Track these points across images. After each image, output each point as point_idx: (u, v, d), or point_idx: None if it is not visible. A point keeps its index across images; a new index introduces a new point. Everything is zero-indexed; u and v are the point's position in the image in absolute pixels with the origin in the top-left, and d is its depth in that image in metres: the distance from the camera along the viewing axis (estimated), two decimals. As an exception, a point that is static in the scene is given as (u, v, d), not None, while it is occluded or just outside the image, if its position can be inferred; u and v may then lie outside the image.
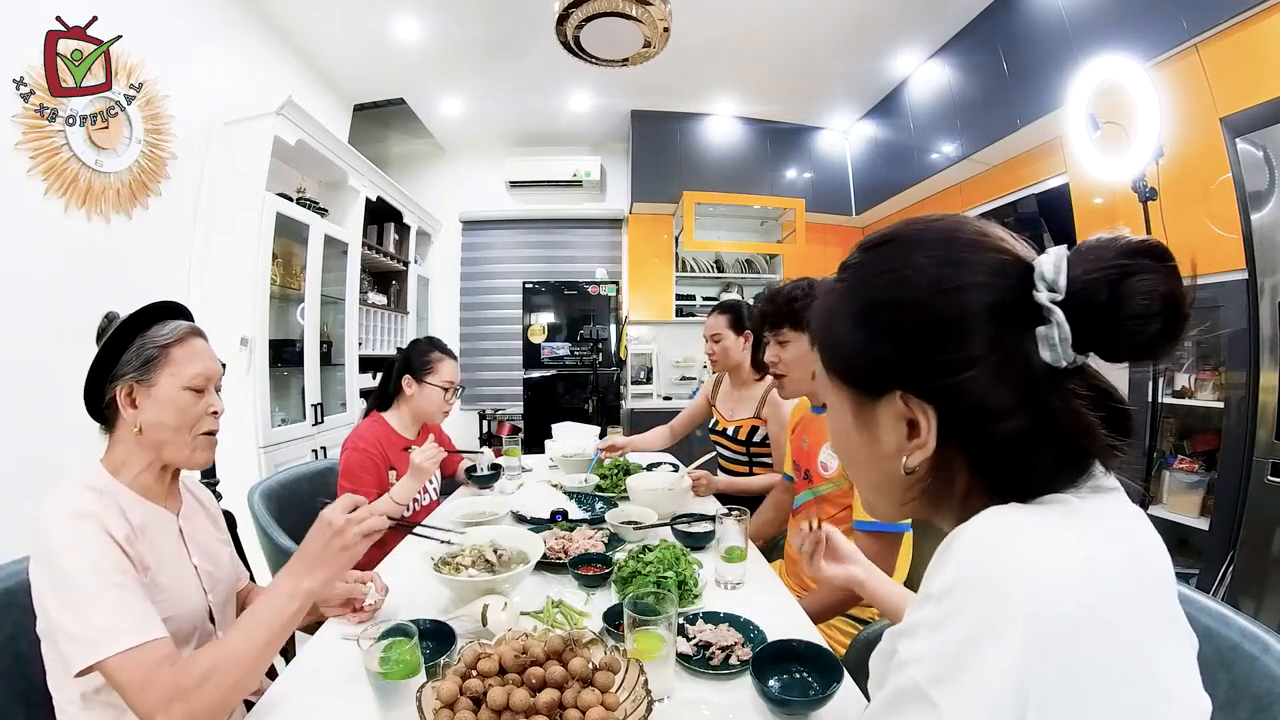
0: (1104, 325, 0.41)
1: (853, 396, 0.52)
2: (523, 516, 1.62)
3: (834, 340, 0.53)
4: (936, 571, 0.42)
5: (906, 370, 0.47)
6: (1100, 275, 0.41)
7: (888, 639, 0.46)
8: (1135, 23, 2.34)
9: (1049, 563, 0.39)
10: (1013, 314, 0.43)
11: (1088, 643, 0.38)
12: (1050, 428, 0.44)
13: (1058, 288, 0.42)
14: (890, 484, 0.52)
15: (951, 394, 0.45)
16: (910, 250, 0.49)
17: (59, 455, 1.57)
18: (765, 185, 4.72)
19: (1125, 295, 0.40)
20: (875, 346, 0.49)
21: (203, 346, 0.96)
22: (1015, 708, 0.36)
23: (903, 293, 0.47)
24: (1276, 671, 0.66)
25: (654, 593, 0.89)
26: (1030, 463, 0.44)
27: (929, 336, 0.45)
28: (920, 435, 0.47)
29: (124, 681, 0.72)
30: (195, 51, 2.59)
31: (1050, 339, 0.42)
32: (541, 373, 4.64)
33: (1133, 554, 0.44)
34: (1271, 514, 1.92)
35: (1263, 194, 2.00)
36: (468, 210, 5.16)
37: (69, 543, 0.77)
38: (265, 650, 0.79)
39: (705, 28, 3.30)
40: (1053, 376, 0.43)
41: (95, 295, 2.00)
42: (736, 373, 2.09)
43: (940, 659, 0.39)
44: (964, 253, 0.46)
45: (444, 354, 1.86)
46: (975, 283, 0.44)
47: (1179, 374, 2.32)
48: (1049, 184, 3.06)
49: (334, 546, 0.85)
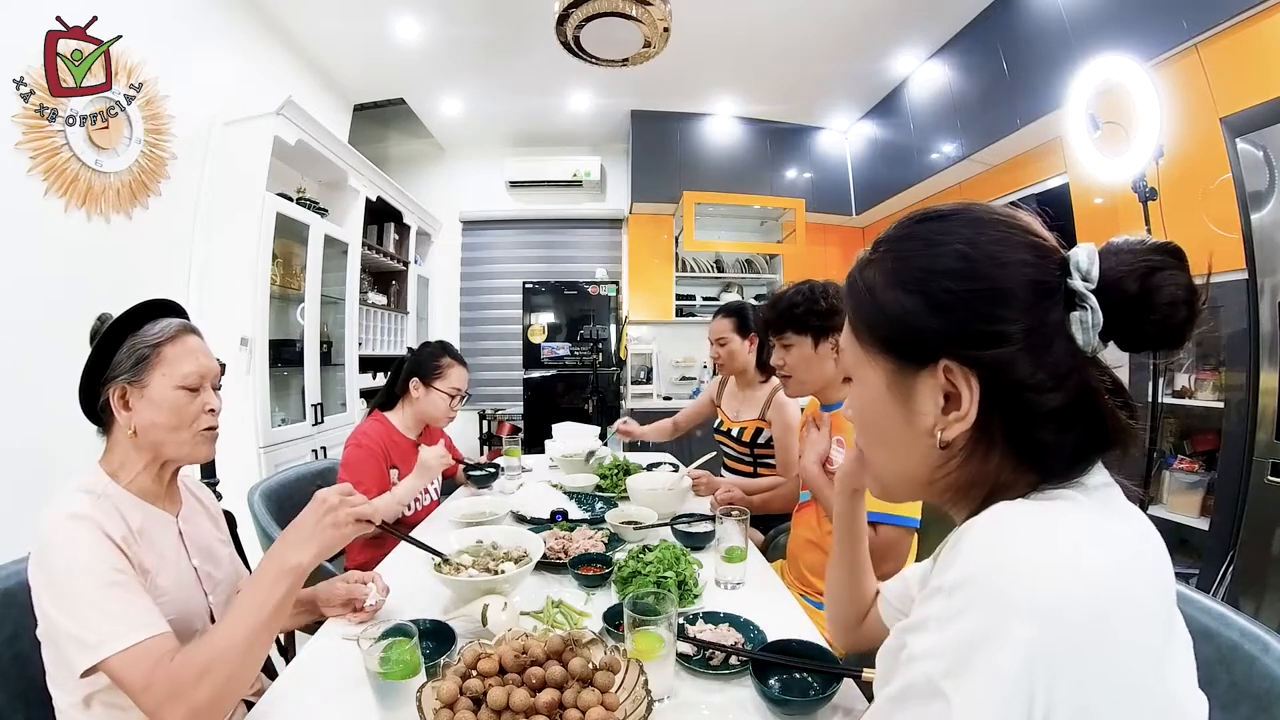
0: (1135, 313, 0.45)
1: (892, 367, 0.52)
2: (523, 516, 1.62)
3: (877, 309, 0.53)
4: (947, 565, 0.43)
5: (956, 338, 0.48)
6: (1133, 269, 0.45)
7: (896, 634, 0.46)
8: (1135, 23, 2.34)
9: (1059, 560, 0.40)
10: (1053, 295, 0.46)
11: (1098, 645, 0.38)
12: (1084, 408, 0.46)
13: (1090, 277, 0.46)
14: (919, 461, 0.52)
15: (997, 364, 0.46)
16: (960, 225, 0.51)
17: (59, 455, 1.57)
18: (765, 185, 4.72)
19: (1157, 286, 0.45)
20: (926, 314, 0.49)
21: (196, 344, 0.94)
22: (1024, 703, 0.37)
23: (958, 263, 0.48)
24: (1276, 671, 0.66)
25: (654, 593, 0.89)
26: (1062, 442, 0.47)
27: (981, 305, 0.47)
28: (961, 407, 0.48)
29: (127, 681, 0.72)
30: (195, 51, 2.59)
31: (1085, 322, 0.45)
32: (541, 373, 4.64)
33: (1142, 556, 0.44)
34: (1271, 514, 1.91)
35: (1263, 194, 2.00)
36: (468, 210, 5.16)
37: (65, 545, 0.77)
38: (259, 638, 0.77)
39: (705, 28, 3.30)
40: (1083, 360, 0.46)
41: (95, 295, 2.00)
42: (742, 374, 2.09)
43: (952, 653, 0.39)
44: (1013, 232, 0.49)
45: (454, 360, 1.85)
46: (1024, 260, 0.47)
47: (1179, 374, 2.31)
48: (1049, 184, 3.05)
49: (325, 522, 0.84)
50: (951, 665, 0.39)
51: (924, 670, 0.40)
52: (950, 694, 0.38)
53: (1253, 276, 2.00)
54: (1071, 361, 0.46)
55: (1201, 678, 0.44)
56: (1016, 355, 0.46)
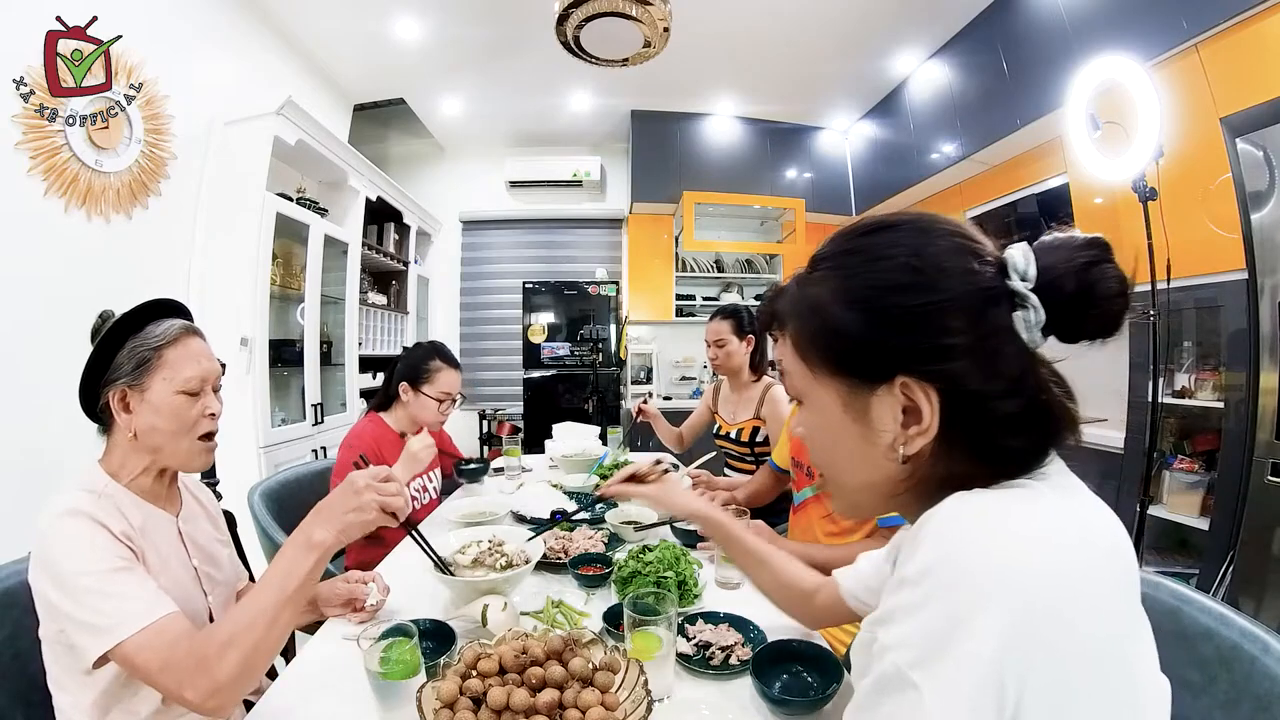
0: (1076, 307, 0.46)
1: (845, 387, 0.51)
2: (523, 516, 1.62)
3: (826, 330, 0.51)
4: (909, 556, 0.43)
5: (911, 353, 0.47)
6: (1069, 265, 0.46)
7: (866, 627, 0.46)
8: (1135, 23, 2.34)
9: (1021, 544, 0.40)
10: (998, 299, 0.47)
11: (1067, 626, 0.38)
12: (1038, 406, 0.47)
13: (1029, 276, 0.46)
14: (881, 478, 0.52)
15: (955, 375, 0.46)
16: (903, 234, 0.50)
17: (60, 455, 1.58)
18: (765, 185, 4.72)
19: (1095, 280, 0.46)
20: (879, 330, 0.48)
21: (199, 346, 0.93)
22: (995, 689, 0.37)
23: (907, 277, 0.48)
24: (1276, 671, 0.66)
25: (654, 593, 0.89)
26: (1022, 442, 0.47)
27: (934, 319, 0.47)
28: (922, 421, 0.47)
29: (144, 663, 0.71)
30: (195, 51, 2.59)
31: (1028, 321, 0.46)
32: (541, 373, 4.64)
33: (1102, 536, 0.45)
34: (1271, 514, 1.91)
35: (1263, 194, 2.00)
36: (468, 210, 5.16)
37: (66, 538, 0.76)
38: (283, 612, 0.75)
39: (705, 28, 3.30)
40: (1031, 358, 0.47)
41: (95, 295, 2.00)
42: (736, 376, 2.11)
43: (920, 642, 0.39)
44: (953, 240, 0.49)
45: (445, 363, 1.81)
46: (969, 267, 0.47)
47: (1179, 374, 2.32)
48: (1049, 184, 3.05)
49: (351, 505, 0.82)
50: (920, 655, 0.39)
51: (894, 661, 0.40)
52: (920, 683, 0.38)
53: (1253, 276, 2.00)
54: (1022, 363, 0.47)
55: (1202, 677, 0.45)
56: (972, 365, 0.46)
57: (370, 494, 0.82)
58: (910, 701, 0.38)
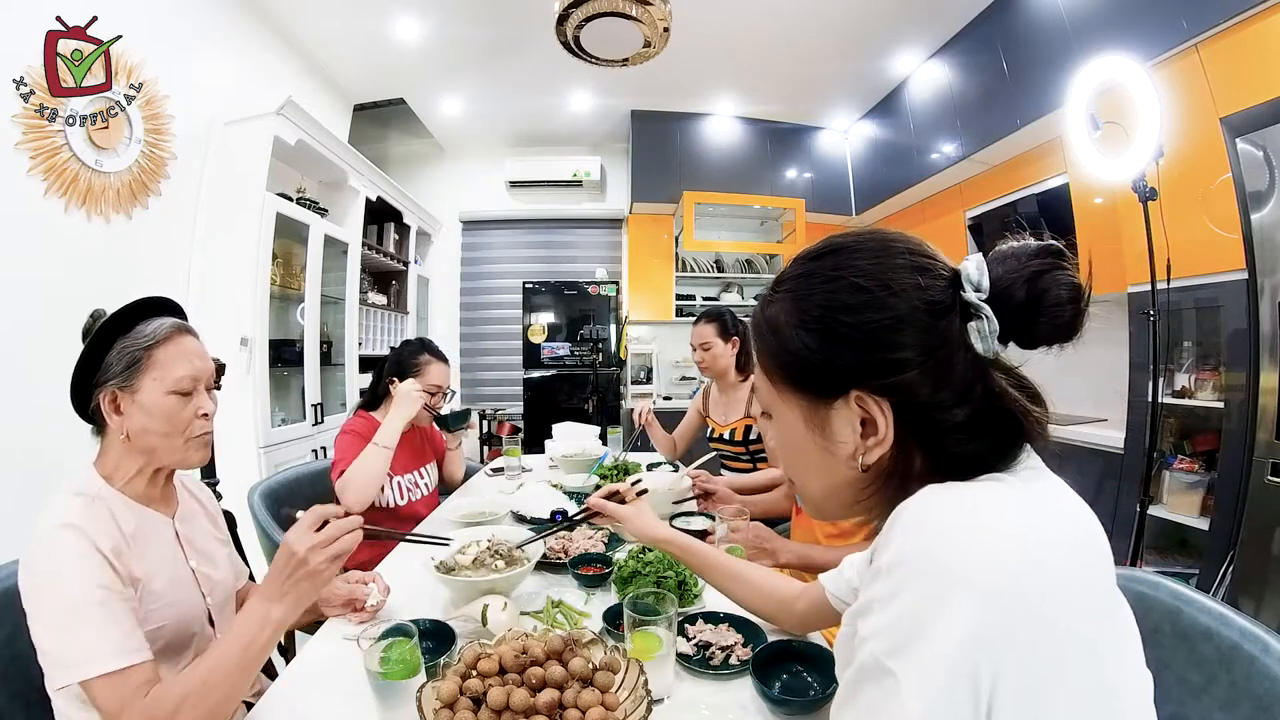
0: (1026, 316, 0.48)
1: (805, 403, 0.54)
2: (523, 516, 1.62)
3: (783, 349, 0.54)
4: (882, 547, 0.44)
5: (862, 369, 0.49)
6: (1020, 274, 0.48)
7: (847, 620, 0.47)
8: (1135, 23, 2.34)
9: (990, 531, 0.41)
10: (949, 311, 0.49)
11: (1039, 612, 0.39)
12: (992, 411, 0.48)
13: (982, 287, 0.48)
14: (844, 485, 0.54)
15: (906, 388, 0.48)
16: (855, 256, 0.52)
17: (59, 456, 1.57)
18: (765, 185, 4.72)
19: (1044, 289, 0.47)
20: (830, 349, 0.51)
21: (191, 345, 0.91)
22: (969, 675, 0.38)
23: (854, 296, 0.50)
24: (1276, 671, 0.66)
25: (654, 593, 0.89)
26: (976, 447, 0.48)
27: (881, 335, 0.49)
28: (878, 432, 0.49)
29: (101, 703, 0.72)
30: (195, 51, 2.59)
31: (981, 331, 0.48)
32: (541, 373, 4.64)
33: (1078, 532, 0.46)
34: (1271, 514, 1.91)
35: (1263, 194, 2.00)
36: (468, 210, 5.16)
37: (51, 557, 0.75)
38: (239, 677, 0.76)
39: (705, 28, 3.30)
40: (984, 366, 0.49)
41: (95, 295, 1.99)
42: (723, 378, 2.12)
43: (894, 630, 0.40)
44: (902, 258, 0.51)
45: (433, 356, 1.83)
46: (918, 284, 0.49)
47: (1179, 374, 2.32)
48: (1049, 184, 3.05)
49: (298, 575, 0.78)
50: (895, 643, 0.40)
51: (871, 651, 0.41)
52: (897, 671, 0.39)
53: (1253, 276, 2.00)
54: (973, 372, 0.48)
55: (1202, 678, 0.45)
56: (922, 376, 0.48)
57: (315, 555, 0.79)
58: (888, 689, 0.39)
